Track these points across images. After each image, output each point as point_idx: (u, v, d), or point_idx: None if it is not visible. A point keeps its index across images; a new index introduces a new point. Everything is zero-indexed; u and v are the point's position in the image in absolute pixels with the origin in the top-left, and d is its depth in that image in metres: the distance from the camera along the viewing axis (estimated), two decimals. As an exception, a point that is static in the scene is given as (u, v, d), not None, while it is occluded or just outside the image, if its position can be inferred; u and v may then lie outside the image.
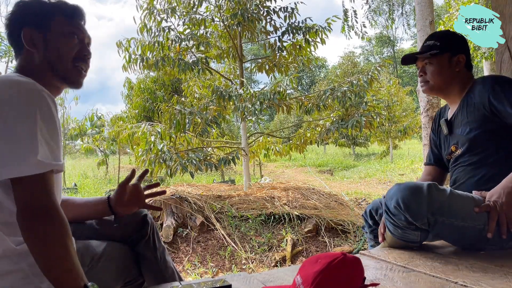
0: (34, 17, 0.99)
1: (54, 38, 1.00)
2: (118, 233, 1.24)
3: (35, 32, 0.98)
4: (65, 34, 1.01)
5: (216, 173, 12.57)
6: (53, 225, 0.82)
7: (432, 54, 1.56)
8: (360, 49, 44.31)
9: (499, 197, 1.32)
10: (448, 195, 1.31)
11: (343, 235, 4.52)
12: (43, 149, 0.83)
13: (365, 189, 9.57)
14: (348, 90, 6.04)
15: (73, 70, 1.03)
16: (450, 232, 1.34)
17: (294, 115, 19.21)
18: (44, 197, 0.83)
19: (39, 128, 0.83)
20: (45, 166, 0.83)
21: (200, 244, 4.24)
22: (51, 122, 0.87)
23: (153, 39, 6.21)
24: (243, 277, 1.23)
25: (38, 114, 0.84)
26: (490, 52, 7.56)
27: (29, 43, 0.98)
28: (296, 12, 6.48)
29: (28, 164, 0.81)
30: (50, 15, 1.01)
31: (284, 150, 7.03)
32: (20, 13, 1.00)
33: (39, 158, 0.81)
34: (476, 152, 1.48)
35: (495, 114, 1.40)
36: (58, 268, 0.81)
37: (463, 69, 1.58)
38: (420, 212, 1.28)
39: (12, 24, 1.01)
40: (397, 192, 1.33)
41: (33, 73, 0.94)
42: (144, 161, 5.34)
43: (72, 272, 0.83)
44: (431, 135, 1.78)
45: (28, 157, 0.81)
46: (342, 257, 0.87)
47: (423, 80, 1.64)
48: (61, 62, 1.01)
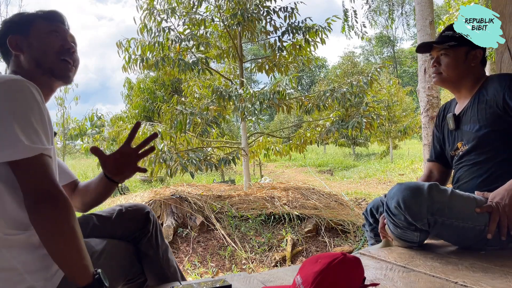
0: (16, 26, 1.09)
1: (36, 38, 1.08)
2: (119, 230, 1.23)
3: (19, 37, 1.07)
4: (46, 32, 1.09)
5: (216, 173, 12.57)
6: (58, 206, 0.85)
7: (451, 45, 1.52)
8: (360, 49, 44.37)
9: (502, 199, 1.30)
10: (449, 196, 1.30)
11: (343, 235, 4.52)
12: (32, 134, 0.87)
13: (365, 189, 9.57)
14: (348, 92, 6.04)
15: (60, 63, 1.09)
16: (450, 232, 1.34)
17: (294, 115, 19.22)
18: (45, 180, 0.86)
19: (27, 115, 0.87)
20: (34, 150, 0.86)
21: (200, 244, 4.24)
22: (36, 110, 0.90)
23: (153, 39, 6.20)
24: (243, 277, 1.23)
25: (25, 102, 0.88)
26: (490, 52, 7.55)
27: (15, 48, 1.06)
28: (296, 12, 6.48)
29: (17, 148, 0.84)
30: (31, 21, 1.10)
31: (284, 150, 7.03)
32: (4, 26, 1.10)
33: (28, 143, 0.85)
34: (483, 151, 1.46)
35: (507, 113, 1.38)
36: (67, 251, 0.85)
37: (478, 64, 1.54)
38: (420, 213, 1.28)
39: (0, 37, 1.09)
40: (398, 192, 1.33)
41: (23, 75, 0.97)
42: (144, 161, 5.34)
43: (82, 255, 0.87)
44: (434, 131, 1.75)
45: (16, 142, 0.84)
46: (342, 257, 0.87)
47: (436, 71, 1.58)
48: (46, 57, 1.07)
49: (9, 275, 0.87)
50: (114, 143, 6.74)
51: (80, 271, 0.86)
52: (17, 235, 0.89)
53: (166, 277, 1.25)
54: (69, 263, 0.86)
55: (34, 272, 0.89)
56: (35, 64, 1.06)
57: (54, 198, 0.85)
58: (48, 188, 0.86)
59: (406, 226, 1.35)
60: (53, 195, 0.85)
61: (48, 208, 0.84)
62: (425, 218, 1.28)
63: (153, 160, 5.20)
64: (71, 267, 0.86)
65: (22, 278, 0.87)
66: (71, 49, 1.11)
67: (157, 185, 9.67)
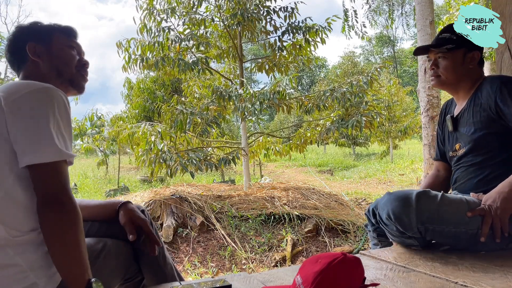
0: (36, 34, 1.15)
1: (58, 49, 1.16)
2: (116, 229, 1.24)
3: (38, 46, 1.13)
4: (67, 46, 1.18)
5: (216, 173, 12.57)
6: (66, 212, 0.89)
7: (448, 48, 1.52)
8: (360, 49, 44.35)
9: (494, 202, 1.31)
10: (439, 202, 1.31)
11: (343, 235, 4.52)
12: (59, 140, 0.92)
13: (365, 189, 9.57)
14: (348, 91, 6.04)
15: (78, 75, 1.19)
16: (443, 238, 1.36)
17: (294, 115, 19.22)
18: (59, 186, 0.91)
19: (55, 122, 0.93)
20: (62, 155, 0.91)
21: (200, 244, 4.24)
22: (65, 117, 0.97)
23: (153, 39, 6.20)
24: (243, 277, 1.23)
25: (56, 109, 0.94)
26: (490, 52, 7.55)
27: (34, 55, 1.12)
28: (296, 12, 6.47)
29: (47, 152, 0.89)
30: (50, 32, 1.17)
31: (284, 150, 7.03)
32: (22, 33, 1.16)
33: (58, 146, 0.91)
34: (479, 153, 1.47)
35: (500, 117, 1.39)
36: (66, 255, 0.89)
37: (476, 66, 1.54)
38: (410, 223, 1.30)
39: (15, 41, 1.15)
40: (387, 203, 1.35)
41: (40, 80, 1.02)
42: (144, 161, 5.34)
43: (81, 263, 0.90)
44: (437, 129, 1.76)
45: (47, 146, 0.90)
46: (342, 257, 0.87)
47: (434, 73, 1.59)
48: (68, 69, 1.16)
49: (13, 272, 0.88)
50: (114, 143, 6.73)
51: (74, 278, 0.89)
52: (23, 236, 0.91)
53: (164, 274, 1.27)
54: (64, 268, 0.89)
55: (37, 269, 0.91)
56: (56, 73, 1.13)
57: (63, 204, 0.90)
58: (59, 194, 0.90)
59: (399, 235, 1.38)
60: (62, 201, 0.90)
61: (56, 212, 0.88)
62: (415, 228, 1.30)
63: (153, 160, 5.19)
64: (66, 271, 0.89)
65: (25, 275, 0.89)
66: (86, 65, 1.22)
67: (157, 185, 9.67)
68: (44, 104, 0.93)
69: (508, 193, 1.30)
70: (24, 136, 0.90)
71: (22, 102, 0.92)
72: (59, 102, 0.96)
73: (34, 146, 0.89)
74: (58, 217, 0.88)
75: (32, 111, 0.91)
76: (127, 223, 1.20)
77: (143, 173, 12.83)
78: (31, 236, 0.92)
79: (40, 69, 1.12)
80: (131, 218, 1.21)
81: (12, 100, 0.92)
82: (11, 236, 0.89)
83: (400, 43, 63.90)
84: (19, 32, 1.16)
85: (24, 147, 0.90)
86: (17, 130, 0.90)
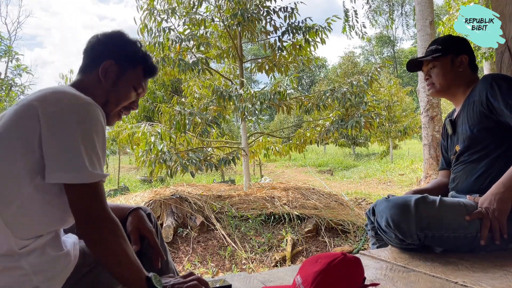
0: (121, 55, 1.10)
1: (126, 83, 1.10)
2: None
3: (114, 67, 1.08)
4: (135, 84, 1.12)
5: (216, 173, 12.57)
6: (108, 228, 0.92)
7: (435, 57, 1.58)
8: (360, 49, 44.31)
9: (490, 204, 1.32)
10: (437, 208, 1.32)
11: (343, 235, 4.52)
12: (95, 160, 0.92)
13: (365, 189, 9.57)
14: (348, 91, 6.04)
15: (116, 115, 1.14)
16: (442, 243, 1.36)
17: (294, 115, 19.20)
18: (97, 205, 0.92)
19: (93, 140, 0.92)
20: (95, 177, 0.90)
21: (200, 244, 4.24)
22: (101, 136, 0.95)
23: (153, 40, 6.20)
24: (243, 277, 1.23)
25: (94, 127, 0.93)
26: (490, 52, 7.55)
27: (103, 73, 1.07)
28: (296, 12, 6.47)
29: (81, 173, 0.88)
30: (135, 60, 1.12)
31: (284, 150, 7.02)
32: (114, 44, 1.11)
33: (91, 169, 0.89)
34: (475, 150, 1.48)
35: (491, 111, 1.41)
36: (120, 265, 0.92)
37: (467, 69, 1.59)
38: (409, 230, 1.30)
39: (101, 45, 1.10)
40: (386, 210, 1.35)
41: (88, 93, 0.99)
42: (144, 161, 5.34)
43: (133, 267, 0.93)
44: (441, 141, 1.81)
45: (82, 167, 0.88)
46: (342, 257, 0.87)
47: (429, 83, 1.66)
48: (114, 105, 1.11)
49: (17, 275, 0.88)
50: (114, 143, 6.73)
51: (134, 281, 0.92)
52: (30, 243, 0.92)
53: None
54: (121, 276, 0.93)
55: (40, 273, 0.91)
56: (104, 101, 1.07)
57: (104, 221, 0.92)
58: (100, 212, 0.92)
59: (398, 242, 1.39)
60: (102, 219, 0.92)
61: (99, 230, 0.91)
62: (415, 235, 1.31)
63: (153, 161, 5.19)
64: (125, 279, 0.93)
65: (28, 278, 0.89)
66: (135, 108, 1.17)
67: (157, 185, 9.66)
68: (83, 122, 0.91)
69: (503, 193, 1.31)
70: (60, 153, 0.88)
71: (61, 117, 0.89)
72: (98, 120, 0.94)
73: (68, 164, 0.88)
74: (103, 235, 0.91)
75: (70, 128, 0.89)
76: (133, 232, 1.19)
77: (143, 173, 12.83)
78: (37, 242, 0.92)
79: (96, 88, 1.07)
80: (138, 227, 1.20)
81: (51, 112, 0.89)
82: (19, 247, 0.89)
83: (400, 43, 63.96)
84: (113, 39, 1.11)
85: (58, 162, 0.88)
86: (52, 146, 0.88)
